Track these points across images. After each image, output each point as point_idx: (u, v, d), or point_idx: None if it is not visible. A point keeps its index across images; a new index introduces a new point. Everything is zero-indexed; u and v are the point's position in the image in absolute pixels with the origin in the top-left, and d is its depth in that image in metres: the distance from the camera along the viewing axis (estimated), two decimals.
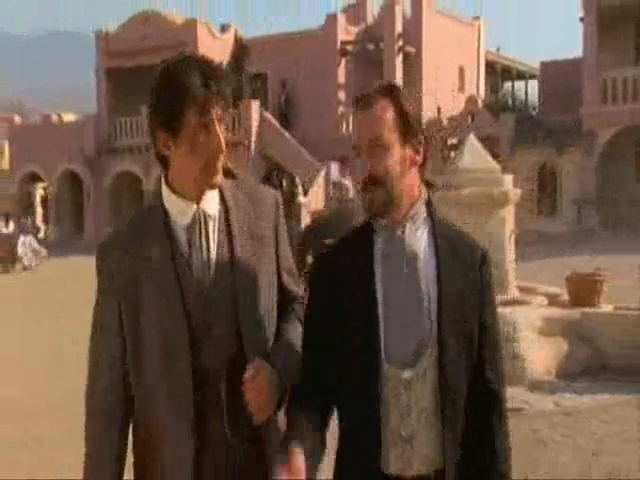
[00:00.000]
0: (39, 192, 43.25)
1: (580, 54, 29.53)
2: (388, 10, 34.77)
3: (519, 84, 43.38)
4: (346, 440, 2.26)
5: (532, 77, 42.32)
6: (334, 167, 30.20)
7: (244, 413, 2.16)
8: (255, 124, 33.08)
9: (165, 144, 2.19)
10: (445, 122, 30.27)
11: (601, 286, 8.94)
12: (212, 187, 2.24)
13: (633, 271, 10.34)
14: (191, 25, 35.94)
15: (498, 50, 45.84)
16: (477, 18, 41.18)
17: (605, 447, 6.15)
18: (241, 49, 37.40)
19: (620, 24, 29.16)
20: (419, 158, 2.24)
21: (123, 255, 2.25)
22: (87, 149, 37.28)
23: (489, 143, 29.28)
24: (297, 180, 27.15)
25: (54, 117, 39.91)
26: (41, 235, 37.04)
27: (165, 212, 2.26)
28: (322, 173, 29.64)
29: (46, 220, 40.93)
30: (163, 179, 2.28)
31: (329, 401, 2.27)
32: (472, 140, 9.36)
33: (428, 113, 30.52)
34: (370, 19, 37.98)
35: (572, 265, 11.53)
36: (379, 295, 2.20)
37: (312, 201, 26.64)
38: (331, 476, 2.29)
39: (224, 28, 38.10)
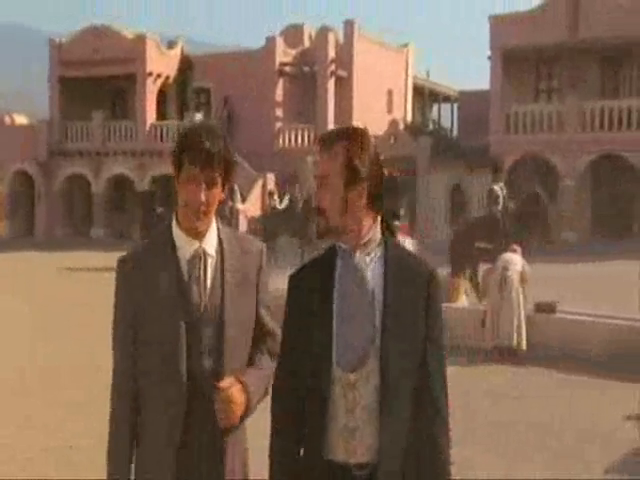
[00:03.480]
0: None
1: None
2: (321, 36, 37.01)
3: (446, 107, 46.43)
4: (306, 435, 2.64)
5: (457, 101, 45.36)
6: (270, 178, 32.80)
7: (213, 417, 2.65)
8: None
9: (176, 184, 2.74)
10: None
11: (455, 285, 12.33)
12: (196, 234, 2.74)
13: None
14: (140, 40, 37.37)
15: (427, 75, 48.70)
16: (405, 45, 43.73)
17: None
18: (187, 64, 39.22)
19: (522, 64, 32.22)
20: (363, 200, 2.57)
21: (138, 270, 2.75)
22: (39, 151, 38.60)
23: (408, 162, 32.50)
24: (235, 188, 29.46)
25: (7, 119, 41.04)
26: None
27: (173, 242, 2.75)
28: (259, 183, 32.25)
29: None
30: (174, 213, 2.80)
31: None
32: None
33: None
34: (307, 42, 40.01)
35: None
36: (334, 309, 2.56)
37: (250, 208, 29.21)
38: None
39: (171, 44, 40.10)
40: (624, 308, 14.77)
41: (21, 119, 42.62)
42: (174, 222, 2.78)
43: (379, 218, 2.65)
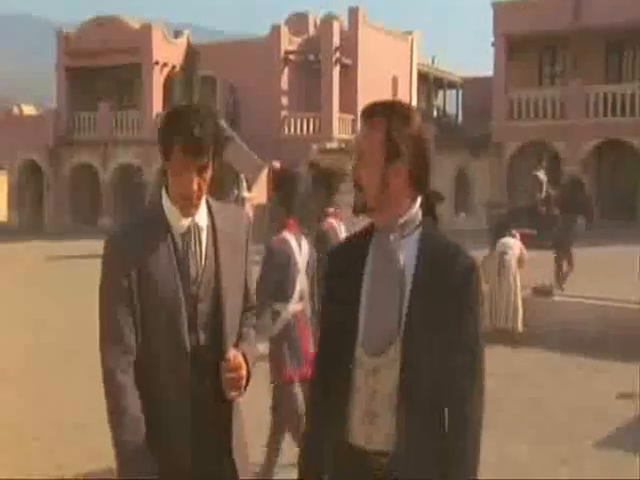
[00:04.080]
0: None
1: None
2: (326, 24, 37.14)
3: (451, 93, 46.37)
4: (317, 415, 2.59)
5: (462, 87, 44.99)
6: (276, 166, 32.95)
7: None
8: None
9: (163, 164, 2.72)
10: None
11: None
12: (186, 214, 2.73)
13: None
14: (146, 30, 37.61)
15: (433, 61, 48.79)
16: (410, 32, 43.73)
17: None
18: (193, 53, 39.21)
19: (526, 50, 32.34)
20: (403, 178, 2.43)
21: (132, 245, 2.70)
22: (47, 141, 38.87)
23: None
24: (241, 176, 29.63)
25: (15, 110, 41.47)
26: None
27: (165, 218, 2.74)
28: (265, 171, 32.32)
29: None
30: (164, 188, 2.78)
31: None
32: None
33: None
34: (312, 30, 40.06)
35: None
36: (364, 287, 2.46)
37: (256, 196, 29.49)
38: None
39: (177, 34, 40.31)
40: (621, 290, 15.11)
41: (29, 109, 43.05)
42: (164, 197, 2.76)
43: (419, 199, 2.51)
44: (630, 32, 30.57)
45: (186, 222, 2.74)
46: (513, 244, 11.80)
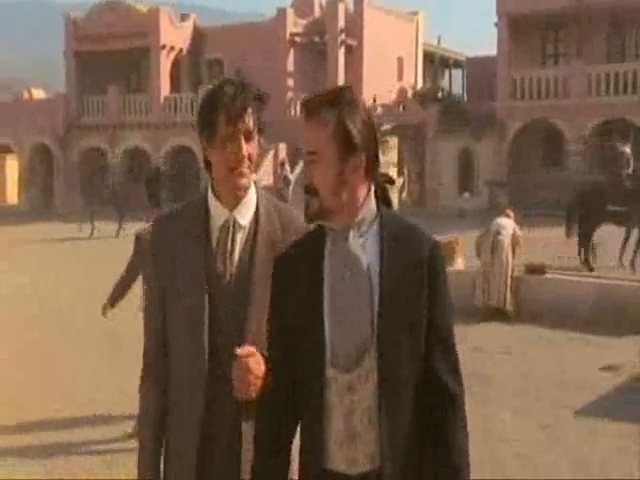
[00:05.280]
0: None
1: None
2: (331, 6, 37.48)
3: (457, 73, 46.45)
4: (302, 441, 2.30)
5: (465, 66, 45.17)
6: (282, 148, 33.40)
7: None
8: None
9: (206, 150, 2.51)
10: (379, 110, 33.83)
11: (454, 249, 12.99)
12: (238, 189, 2.51)
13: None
14: (154, 14, 38.14)
15: (439, 41, 48.96)
16: (415, 13, 44.16)
17: None
18: (200, 37, 39.85)
19: (529, 30, 32.63)
20: (360, 172, 2.20)
21: (168, 235, 2.57)
22: (57, 125, 39.43)
23: (416, 129, 33.07)
24: None
25: (25, 94, 41.93)
26: None
27: (207, 209, 2.56)
28: (271, 153, 32.70)
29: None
30: (209, 182, 2.59)
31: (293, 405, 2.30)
32: None
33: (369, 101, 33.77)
34: (318, 12, 40.46)
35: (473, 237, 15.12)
36: (325, 299, 2.20)
37: (262, 178, 29.91)
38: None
39: (184, 17, 40.71)
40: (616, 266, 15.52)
41: (39, 93, 43.44)
42: (209, 190, 2.58)
43: (372, 188, 2.28)
44: (632, 11, 30.74)
45: (223, 215, 2.55)
46: (507, 224, 12.20)
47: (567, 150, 30.39)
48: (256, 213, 2.57)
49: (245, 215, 2.55)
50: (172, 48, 38.83)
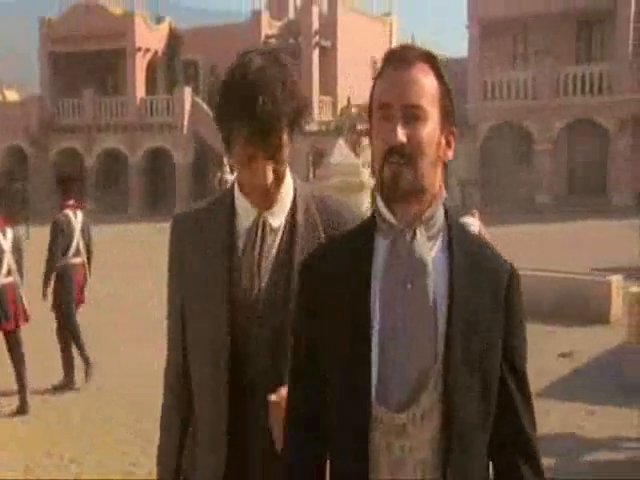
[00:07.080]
0: None
1: None
2: (306, 7, 37.83)
3: None
4: None
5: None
6: None
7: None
8: (187, 108, 36.08)
9: (226, 150, 2.05)
10: (354, 110, 34.16)
11: None
12: (262, 207, 2.05)
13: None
14: (129, 16, 38.36)
15: (412, 40, 49.51)
16: (389, 14, 44.62)
17: None
18: (175, 39, 40.12)
19: (499, 32, 33.11)
20: (451, 151, 1.74)
21: (190, 234, 2.12)
22: (32, 127, 39.39)
23: None
24: (225, 160, 30.24)
25: None
26: None
27: (234, 208, 2.09)
28: None
29: None
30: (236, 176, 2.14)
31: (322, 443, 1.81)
32: (340, 142, 13.66)
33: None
34: (292, 14, 40.92)
35: None
36: (375, 317, 1.69)
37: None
38: None
39: (159, 19, 40.94)
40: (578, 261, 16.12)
41: (12, 95, 43.30)
42: (236, 186, 2.11)
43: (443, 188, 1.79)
44: (600, 10, 31.40)
45: (252, 215, 2.08)
46: (472, 222, 12.64)
47: (536, 150, 30.98)
48: (292, 209, 2.09)
49: (279, 214, 2.08)
50: (147, 50, 39.06)
